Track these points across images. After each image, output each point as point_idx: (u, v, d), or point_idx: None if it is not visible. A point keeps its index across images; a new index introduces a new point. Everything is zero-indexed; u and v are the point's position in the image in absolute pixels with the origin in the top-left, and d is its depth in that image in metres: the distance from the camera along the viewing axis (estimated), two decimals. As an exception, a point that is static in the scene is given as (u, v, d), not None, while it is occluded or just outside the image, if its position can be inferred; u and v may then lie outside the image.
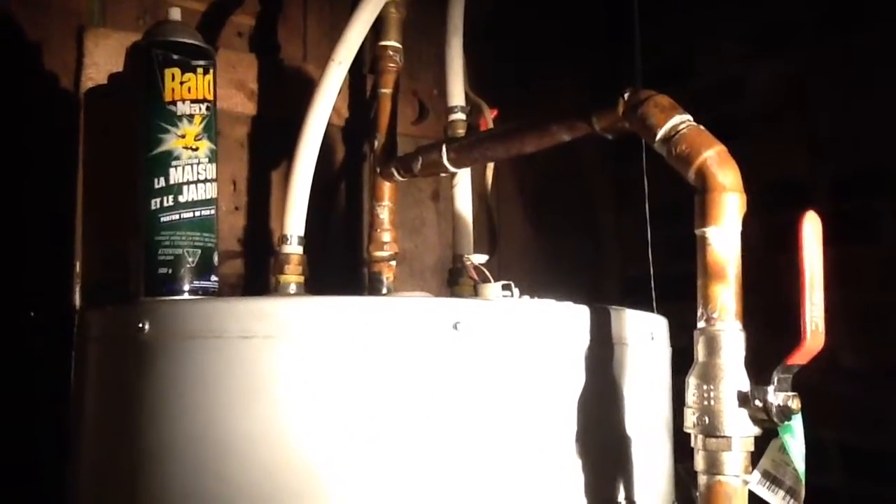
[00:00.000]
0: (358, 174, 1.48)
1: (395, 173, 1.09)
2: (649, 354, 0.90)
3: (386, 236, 1.13)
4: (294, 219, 1.04)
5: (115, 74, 1.13)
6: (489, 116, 1.13)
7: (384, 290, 1.12)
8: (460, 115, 1.15)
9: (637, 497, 0.83)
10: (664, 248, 1.19)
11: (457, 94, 1.14)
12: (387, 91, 1.16)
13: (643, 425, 0.86)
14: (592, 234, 1.77)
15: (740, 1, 1.43)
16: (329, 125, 1.09)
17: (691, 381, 0.69)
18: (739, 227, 0.70)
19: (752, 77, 1.42)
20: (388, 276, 1.13)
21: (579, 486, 0.79)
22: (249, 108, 1.37)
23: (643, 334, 0.89)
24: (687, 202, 0.72)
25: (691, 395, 0.69)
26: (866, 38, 1.28)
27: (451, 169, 1.00)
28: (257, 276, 1.35)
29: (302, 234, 1.04)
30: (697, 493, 0.67)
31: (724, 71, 1.46)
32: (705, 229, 0.70)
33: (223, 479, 0.74)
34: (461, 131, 1.13)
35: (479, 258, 0.96)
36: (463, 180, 1.16)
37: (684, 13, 1.49)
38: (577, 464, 0.79)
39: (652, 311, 1.05)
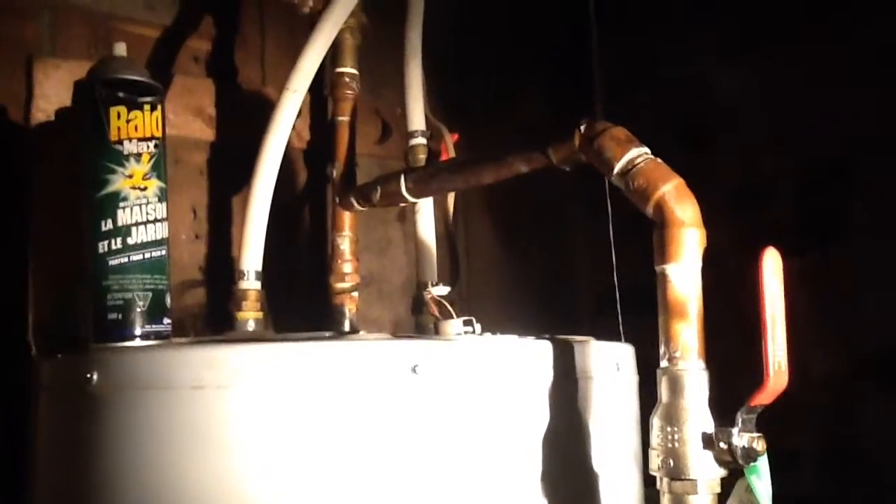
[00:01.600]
0: (321, 197, 1.46)
1: (355, 203, 1.07)
2: (615, 386, 0.88)
3: (347, 267, 1.11)
4: (251, 253, 1.02)
5: (64, 109, 1.10)
6: (450, 142, 1.11)
7: (346, 324, 1.10)
8: (421, 140, 1.13)
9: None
10: (642, 258, 1.17)
11: (417, 118, 1.13)
12: (344, 119, 1.14)
13: (611, 459, 0.85)
14: (564, 247, 1.76)
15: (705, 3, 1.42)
16: (290, 148, 1.06)
17: (655, 423, 0.68)
18: (699, 264, 0.68)
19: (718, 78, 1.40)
20: (350, 307, 1.11)
21: (546, 528, 0.77)
22: (208, 133, 1.34)
23: (609, 366, 0.88)
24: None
25: (655, 437, 0.67)
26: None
27: (411, 199, 0.98)
28: (219, 306, 1.33)
29: (259, 268, 1.02)
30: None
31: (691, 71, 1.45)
32: (665, 266, 0.68)
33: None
34: (422, 156, 1.11)
35: (440, 290, 0.94)
36: (425, 206, 1.14)
37: (646, 17, 1.47)
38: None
39: (622, 327, 1.05)
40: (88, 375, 0.77)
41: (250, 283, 1.00)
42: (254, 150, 1.09)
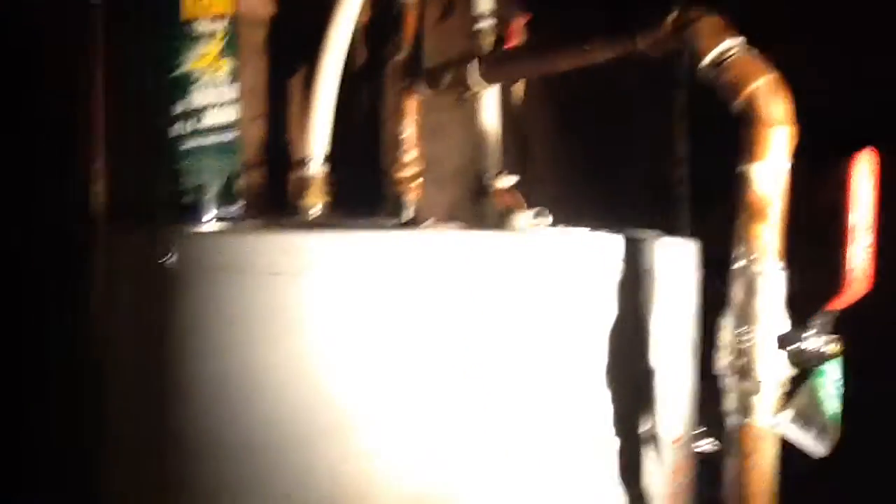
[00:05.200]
0: (378, 80, 1.43)
1: (421, 88, 1.05)
2: (680, 282, 0.88)
3: (409, 155, 1.10)
4: (317, 137, 1.01)
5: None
6: (519, 24, 1.07)
7: (407, 213, 1.10)
8: (487, 23, 1.09)
9: (663, 423, 0.84)
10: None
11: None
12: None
13: (670, 353, 0.86)
14: (623, 137, 1.72)
15: None
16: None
17: (725, 323, 0.68)
18: (787, 164, 0.67)
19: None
20: (411, 196, 1.10)
21: (607, 419, 0.79)
22: (269, 9, 1.31)
23: (676, 262, 0.87)
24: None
25: (725, 337, 0.68)
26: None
27: (482, 85, 0.95)
28: (277, 188, 1.33)
29: (324, 154, 1.01)
30: (726, 428, 0.67)
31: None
32: (749, 165, 0.67)
33: (250, 416, 0.75)
34: (490, 40, 1.07)
35: (508, 180, 0.93)
36: (489, 91, 1.12)
37: None
38: (605, 397, 0.79)
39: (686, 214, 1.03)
40: (167, 256, 0.79)
41: (315, 169, 1.00)
42: (315, 27, 1.05)
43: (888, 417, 0.91)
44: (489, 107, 1.12)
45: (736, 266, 0.67)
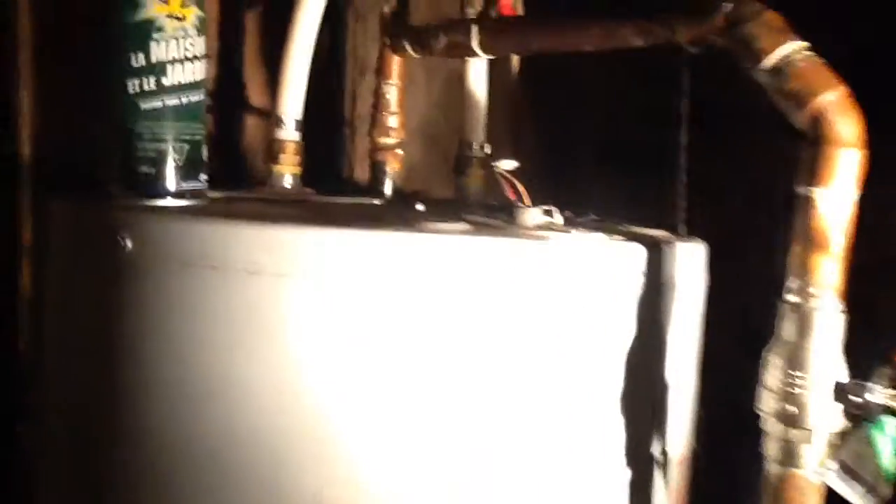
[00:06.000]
0: (340, 37, 1.30)
1: (409, 48, 0.93)
2: (693, 290, 0.81)
3: (393, 120, 0.98)
4: (290, 98, 0.89)
5: None
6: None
7: (388, 185, 0.99)
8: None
9: (672, 441, 0.78)
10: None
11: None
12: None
13: (680, 369, 0.79)
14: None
15: None
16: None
17: (773, 361, 0.61)
18: (855, 192, 0.59)
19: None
20: (393, 166, 1.00)
21: (619, 441, 0.73)
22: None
23: (691, 268, 0.80)
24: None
25: (772, 378, 0.61)
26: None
27: (481, 55, 0.84)
28: (230, 133, 1.20)
29: (299, 116, 0.89)
30: (770, 474, 0.61)
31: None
32: (812, 189, 0.59)
33: (214, 432, 0.65)
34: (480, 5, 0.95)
35: (508, 164, 0.83)
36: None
37: None
38: (620, 414, 0.72)
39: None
40: (123, 238, 0.67)
41: (289, 133, 0.88)
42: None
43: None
44: (478, 71, 1.01)
45: (788, 299, 0.60)
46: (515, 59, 0.95)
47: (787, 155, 0.62)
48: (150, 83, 0.72)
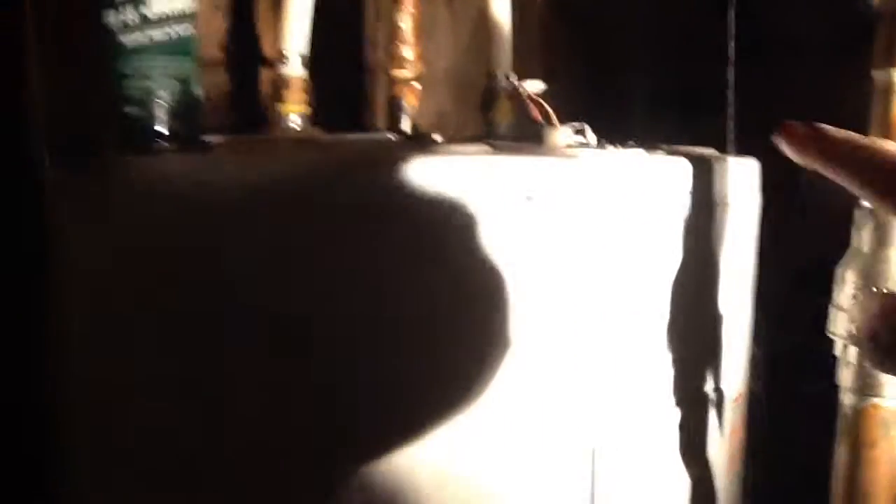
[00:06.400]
0: None
1: (420, -31, 0.85)
2: (748, 212, 0.73)
3: (408, 51, 0.91)
4: (294, 31, 0.82)
5: None
6: None
7: (405, 122, 0.92)
8: None
9: (726, 379, 0.71)
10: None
11: None
12: None
13: (734, 299, 0.71)
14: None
15: None
16: None
17: (848, 277, 0.53)
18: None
19: None
20: (410, 101, 0.92)
21: (668, 378, 0.65)
22: None
23: (743, 187, 0.72)
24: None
25: (846, 295, 0.53)
26: None
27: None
28: (245, 91, 1.15)
29: (305, 51, 0.82)
30: (845, 406, 0.53)
31: None
32: (889, 71, 0.50)
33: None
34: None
35: (535, 86, 0.75)
36: (499, -23, 0.92)
37: None
38: (666, 354, 0.65)
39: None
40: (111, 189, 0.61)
41: (294, 69, 0.81)
42: None
43: None
44: (500, -4, 0.93)
45: (865, 205, 0.51)
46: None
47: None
48: (130, 14, 0.65)
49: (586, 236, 0.60)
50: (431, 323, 0.56)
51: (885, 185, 0.35)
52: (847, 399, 0.53)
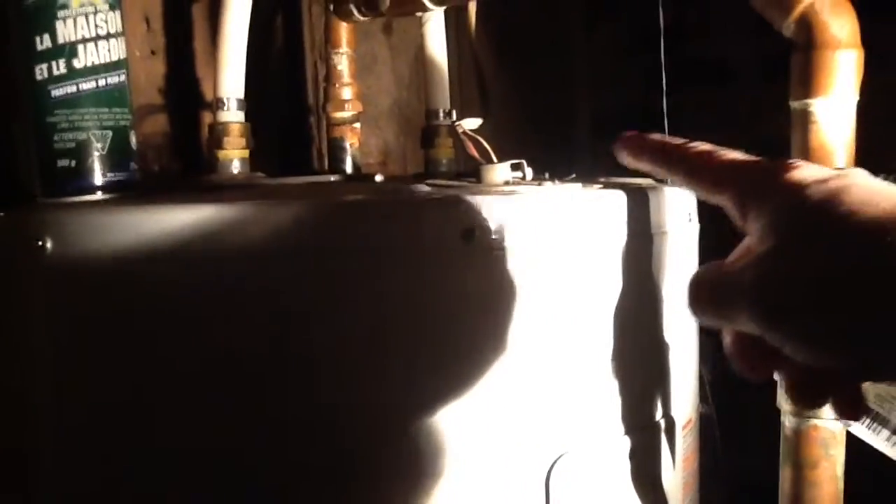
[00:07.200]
0: (296, 21, 1.23)
1: (355, 11, 0.86)
2: (686, 240, 0.74)
3: (346, 92, 0.91)
4: (230, 76, 0.81)
5: None
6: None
7: (347, 162, 0.92)
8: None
9: (676, 406, 0.71)
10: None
11: None
12: None
13: (679, 325, 0.72)
14: (561, 68, 1.56)
15: None
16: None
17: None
18: (855, 98, 0.52)
19: None
20: (351, 141, 0.92)
21: (615, 408, 0.66)
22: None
23: (681, 216, 0.73)
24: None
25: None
26: None
27: (430, 6, 0.77)
28: (185, 135, 1.14)
29: (241, 95, 0.82)
30: (787, 428, 0.54)
31: None
32: (809, 101, 0.52)
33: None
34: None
35: (471, 122, 0.76)
36: (435, 17, 0.93)
37: None
38: (612, 385, 0.65)
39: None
40: (39, 241, 0.59)
41: (232, 114, 0.80)
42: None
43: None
44: (436, 34, 0.94)
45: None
46: (473, 11, 0.87)
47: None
48: (59, 66, 0.64)
49: (526, 270, 0.60)
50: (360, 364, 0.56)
51: (691, 172, 0.45)
52: (788, 421, 0.54)
